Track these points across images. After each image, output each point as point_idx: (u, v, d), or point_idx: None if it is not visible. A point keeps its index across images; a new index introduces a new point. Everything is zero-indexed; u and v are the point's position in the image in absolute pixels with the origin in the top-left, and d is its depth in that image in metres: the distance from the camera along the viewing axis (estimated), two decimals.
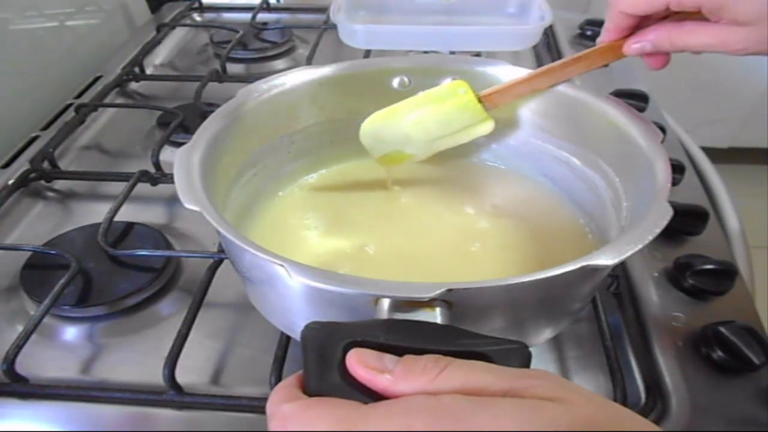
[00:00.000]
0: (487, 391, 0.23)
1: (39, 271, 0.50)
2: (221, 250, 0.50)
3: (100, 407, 0.41)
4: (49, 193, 0.62)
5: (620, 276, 0.50)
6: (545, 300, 0.35)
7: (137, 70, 0.81)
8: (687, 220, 0.52)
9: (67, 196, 0.62)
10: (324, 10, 0.91)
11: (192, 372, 0.43)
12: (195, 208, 0.34)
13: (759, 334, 0.43)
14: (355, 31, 0.72)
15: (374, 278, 0.30)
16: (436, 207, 0.50)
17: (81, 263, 0.49)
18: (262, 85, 0.46)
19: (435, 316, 0.29)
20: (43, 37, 0.80)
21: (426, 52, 0.71)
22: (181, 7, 0.99)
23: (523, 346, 0.26)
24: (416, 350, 0.26)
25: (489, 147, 0.52)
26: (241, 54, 0.86)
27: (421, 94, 0.47)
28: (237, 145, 0.44)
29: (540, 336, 0.38)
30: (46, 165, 0.63)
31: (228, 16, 1.00)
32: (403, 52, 0.73)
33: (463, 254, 0.45)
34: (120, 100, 0.78)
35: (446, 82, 0.48)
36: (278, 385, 0.27)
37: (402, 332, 0.27)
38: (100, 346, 0.46)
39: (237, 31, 0.86)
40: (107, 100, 0.75)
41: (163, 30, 0.90)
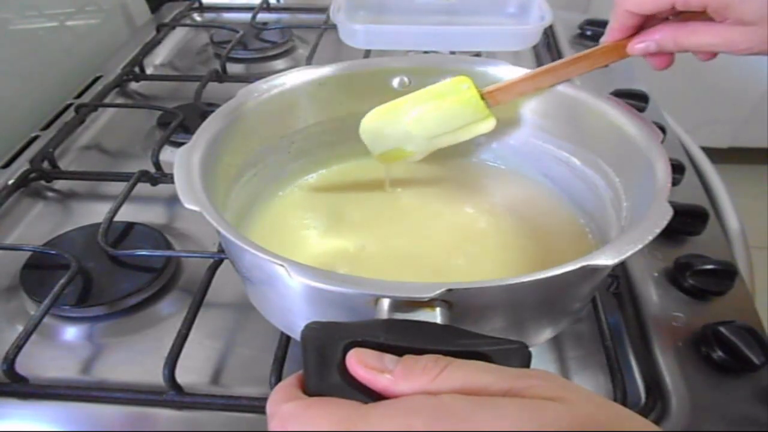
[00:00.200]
0: (487, 390, 0.23)
1: (39, 271, 0.50)
2: (221, 250, 0.50)
3: (100, 407, 0.41)
4: (49, 193, 0.62)
5: (620, 276, 0.50)
6: (545, 300, 0.35)
7: (137, 70, 0.81)
8: (687, 220, 0.52)
9: (67, 196, 0.62)
10: (324, 10, 0.91)
11: (192, 372, 0.43)
12: (195, 208, 0.34)
13: (759, 334, 0.43)
14: (355, 31, 0.72)
15: (374, 278, 0.30)
16: (436, 207, 0.50)
17: (81, 263, 0.49)
18: (262, 85, 0.46)
19: (435, 316, 0.29)
20: (43, 37, 0.80)
21: (426, 52, 0.71)
22: (181, 7, 0.99)
23: (523, 346, 0.26)
24: (416, 350, 0.26)
25: (489, 147, 0.52)
26: (241, 54, 0.86)
27: (423, 90, 0.47)
28: (237, 145, 0.44)
29: (540, 336, 0.38)
30: (46, 165, 0.63)
31: (228, 16, 1.00)
32: (403, 52, 0.73)
33: (464, 254, 0.45)
34: (120, 100, 0.78)
35: (450, 79, 0.48)
36: (278, 385, 0.27)
37: (402, 332, 0.27)
38: (100, 346, 0.46)
39: (237, 31, 0.86)
40: (107, 100, 0.75)
41: (163, 30, 0.90)
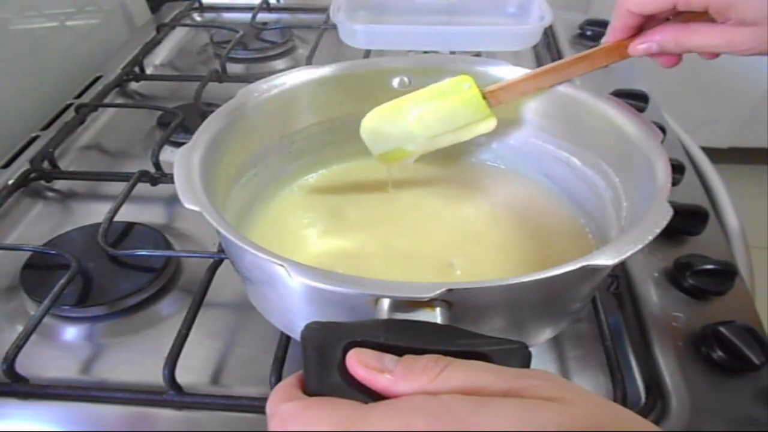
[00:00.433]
0: (486, 391, 0.23)
1: (39, 271, 0.50)
2: (221, 250, 0.50)
3: (100, 407, 0.41)
4: (49, 193, 0.62)
5: (620, 276, 0.49)
6: (545, 300, 0.35)
7: (137, 70, 0.81)
8: (687, 220, 0.52)
9: (67, 196, 0.62)
10: (324, 10, 0.91)
11: (192, 372, 0.43)
12: (195, 208, 0.34)
13: (759, 334, 0.43)
14: (355, 31, 0.72)
15: (374, 278, 0.30)
16: (436, 207, 0.50)
17: (81, 263, 0.49)
18: (262, 85, 0.46)
19: (435, 316, 0.29)
20: (43, 37, 0.80)
21: (426, 52, 0.71)
22: (181, 7, 0.99)
23: (523, 346, 0.26)
24: (416, 350, 0.26)
25: (489, 147, 0.52)
26: (241, 54, 0.86)
27: (424, 89, 0.47)
28: (237, 145, 0.44)
29: (540, 336, 0.38)
30: (46, 165, 0.63)
31: (228, 16, 1.00)
32: (403, 52, 0.73)
33: (464, 254, 0.45)
34: (120, 100, 0.78)
35: (452, 78, 0.48)
36: (278, 385, 0.27)
37: (402, 332, 0.27)
38: (100, 346, 0.46)
39: (237, 31, 0.86)
40: (107, 100, 0.75)
41: (163, 30, 0.90)
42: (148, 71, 0.83)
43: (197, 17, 1.00)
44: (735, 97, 1.66)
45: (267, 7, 0.98)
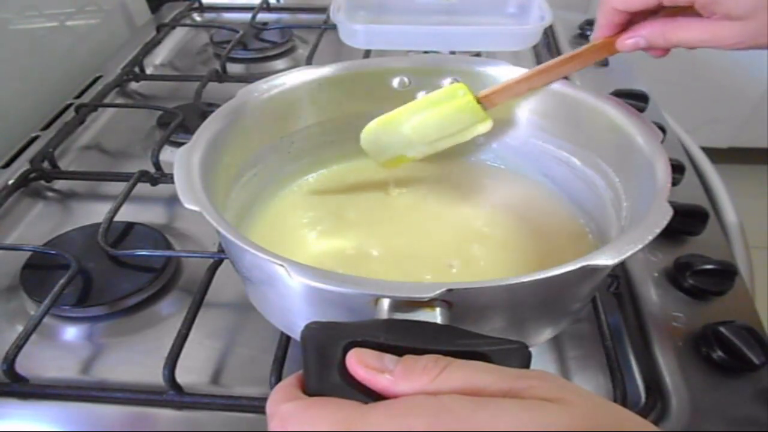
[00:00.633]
0: (486, 391, 0.23)
1: (39, 271, 0.50)
2: (221, 250, 0.50)
3: (100, 407, 0.41)
4: (49, 193, 0.62)
5: (620, 276, 0.49)
6: (545, 300, 0.35)
7: (137, 70, 0.81)
8: (687, 220, 0.52)
9: (67, 196, 0.62)
10: (324, 10, 0.91)
11: (192, 372, 0.43)
12: (195, 208, 0.34)
13: (759, 334, 0.43)
14: (355, 31, 0.72)
15: (374, 278, 0.30)
16: (436, 207, 0.50)
17: (81, 263, 0.49)
18: (262, 85, 0.46)
19: (435, 316, 0.29)
20: (43, 37, 0.80)
21: (426, 52, 0.71)
22: (181, 7, 0.99)
23: (523, 346, 0.26)
24: (416, 350, 0.26)
25: (489, 147, 0.52)
26: (241, 54, 0.86)
27: (419, 98, 0.48)
28: (237, 145, 0.44)
29: (540, 336, 0.38)
30: (46, 165, 0.63)
31: (228, 16, 1.00)
32: (403, 52, 0.73)
33: (463, 254, 0.45)
34: (120, 100, 0.78)
35: (445, 84, 0.49)
36: (278, 385, 0.27)
37: (402, 332, 0.27)
38: (100, 346, 0.46)
39: (237, 31, 0.86)
40: (107, 100, 0.75)
41: (163, 30, 0.90)
42: (148, 71, 0.83)
43: (197, 17, 1.00)
44: (735, 97, 1.66)
45: (267, 7, 0.98)
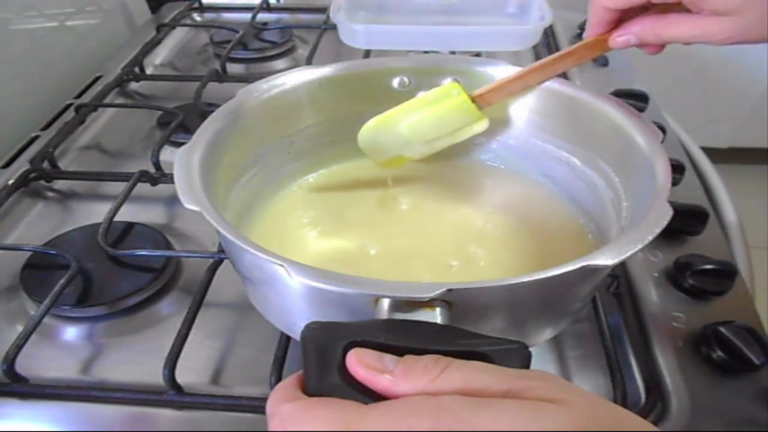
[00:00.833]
0: (486, 391, 0.23)
1: (39, 271, 0.50)
2: (221, 250, 0.50)
3: (100, 407, 0.41)
4: (49, 193, 0.62)
5: (620, 276, 0.49)
6: (545, 300, 0.35)
7: (137, 70, 0.81)
8: (687, 220, 0.52)
9: (67, 196, 0.62)
10: (324, 10, 0.91)
11: (192, 372, 0.43)
12: (195, 208, 0.34)
13: (759, 334, 0.43)
14: (355, 31, 0.72)
15: (374, 278, 0.30)
16: (435, 207, 0.50)
17: (81, 263, 0.49)
18: (262, 85, 0.46)
19: (435, 316, 0.29)
20: (43, 37, 0.80)
21: (426, 52, 0.71)
22: (181, 7, 0.99)
23: (523, 346, 0.26)
24: (416, 350, 0.25)
25: (489, 147, 0.52)
26: (241, 54, 0.86)
27: (415, 98, 0.47)
28: (237, 145, 0.44)
29: (540, 336, 0.38)
30: (46, 165, 0.63)
31: (228, 16, 1.00)
32: (403, 52, 0.73)
33: (463, 254, 0.45)
34: (120, 100, 0.78)
35: (442, 84, 0.49)
36: (278, 385, 0.27)
37: (402, 332, 0.27)
38: (100, 346, 0.46)
39: (237, 31, 0.86)
40: (107, 100, 0.75)
41: (163, 30, 0.90)
42: (148, 71, 0.83)
43: (197, 17, 1.00)
44: (735, 97, 1.66)
45: (267, 7, 0.98)
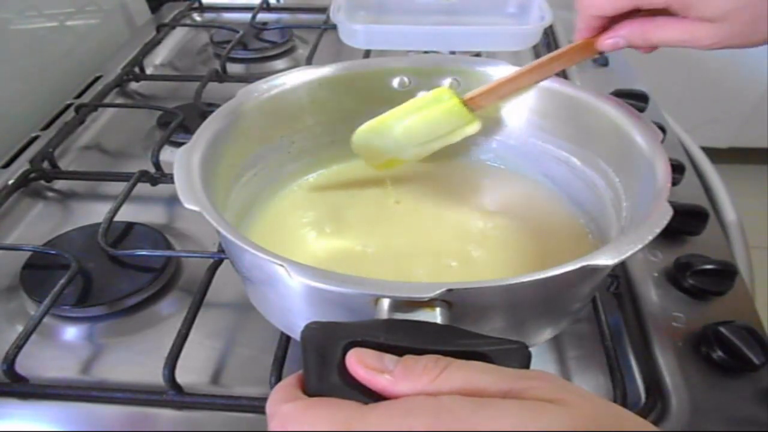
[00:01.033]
0: (486, 392, 0.23)
1: (39, 271, 0.50)
2: (221, 250, 0.50)
3: (100, 407, 0.41)
4: (49, 193, 0.62)
5: (620, 276, 0.49)
6: (545, 300, 0.35)
7: (137, 70, 0.81)
8: (687, 220, 0.52)
9: (67, 196, 0.62)
10: (324, 10, 0.91)
11: (192, 372, 0.43)
12: (195, 208, 0.34)
13: (759, 334, 0.43)
14: (355, 31, 0.72)
15: (374, 278, 0.30)
16: (435, 207, 0.50)
17: (81, 263, 0.49)
18: (262, 85, 0.46)
19: (435, 316, 0.29)
20: (43, 37, 0.80)
21: (426, 52, 0.71)
22: (181, 7, 0.99)
23: (522, 346, 0.26)
24: (416, 350, 0.25)
25: (489, 146, 0.52)
26: (241, 54, 0.86)
27: (407, 102, 0.47)
28: (237, 145, 0.44)
29: (540, 336, 0.38)
30: (46, 165, 0.63)
31: (228, 16, 1.00)
32: (403, 52, 0.73)
33: (463, 254, 0.45)
34: (120, 100, 0.78)
35: (445, 85, 0.49)
36: (278, 385, 0.27)
37: (402, 332, 0.27)
38: (100, 346, 0.46)
39: (237, 31, 0.86)
40: (107, 100, 0.75)
41: (163, 30, 0.90)
42: (148, 71, 0.83)
43: (197, 17, 1.00)
44: (735, 97, 1.66)
45: (267, 7, 0.98)
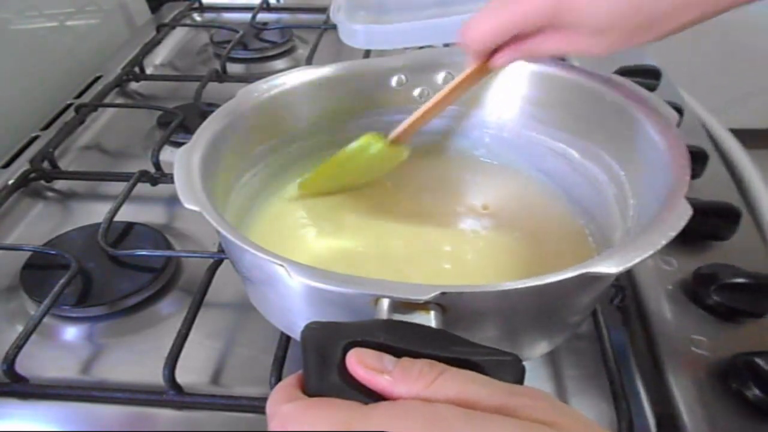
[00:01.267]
0: (480, 404, 0.23)
1: (39, 271, 0.50)
2: (221, 250, 0.50)
3: (100, 407, 0.41)
4: (49, 193, 0.62)
5: (626, 287, 0.44)
6: (540, 310, 0.33)
7: (137, 70, 0.81)
8: (711, 221, 0.45)
9: (67, 196, 0.62)
10: (324, 10, 0.91)
11: (192, 372, 0.43)
12: (195, 208, 0.34)
13: None
14: (355, 31, 0.72)
15: (374, 278, 0.30)
16: (431, 207, 0.49)
17: (81, 263, 0.49)
18: (262, 85, 0.46)
19: (430, 319, 0.29)
20: (43, 37, 0.80)
21: (422, 47, 0.70)
22: (181, 7, 0.99)
23: (516, 359, 0.25)
24: (413, 353, 0.25)
25: (482, 141, 0.51)
26: (241, 54, 0.86)
27: (337, 155, 0.47)
28: (237, 145, 0.44)
29: (535, 349, 0.36)
30: (46, 165, 0.63)
31: (228, 16, 1.00)
32: (401, 51, 0.72)
33: (458, 257, 0.44)
34: (120, 100, 0.78)
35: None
36: (278, 385, 0.27)
37: (400, 333, 0.27)
38: (100, 346, 0.46)
39: (237, 31, 0.86)
40: (107, 100, 0.75)
41: (163, 30, 0.90)
42: (148, 71, 0.83)
43: (197, 17, 1.00)
44: None
45: (267, 7, 0.98)
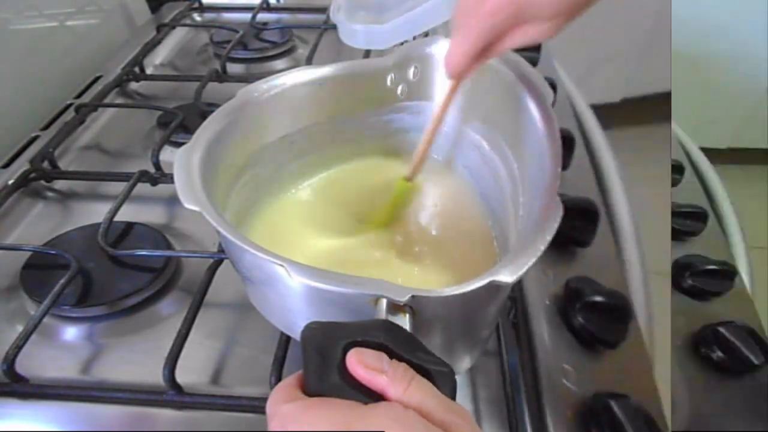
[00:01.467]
0: (430, 417, 0.24)
1: (39, 271, 0.50)
2: (221, 250, 0.50)
3: (100, 407, 0.41)
4: (49, 193, 0.62)
5: (518, 299, 0.41)
6: (458, 320, 0.32)
7: (137, 70, 0.81)
8: (687, 221, 0.52)
9: (67, 196, 0.62)
10: (324, 10, 0.91)
11: (192, 372, 0.43)
12: (195, 208, 0.34)
13: (759, 334, 0.43)
14: (355, 31, 0.71)
15: (374, 278, 0.30)
16: (424, 207, 0.49)
17: (81, 263, 0.49)
18: (262, 85, 0.46)
19: (405, 322, 0.29)
20: (43, 37, 0.80)
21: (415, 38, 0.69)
22: (181, 7, 0.99)
23: (452, 371, 0.26)
24: (401, 356, 0.26)
25: (435, 139, 0.48)
26: (241, 54, 0.86)
27: (385, 206, 0.47)
28: (237, 145, 0.44)
29: (460, 363, 0.34)
30: (46, 165, 0.63)
31: (228, 16, 1.01)
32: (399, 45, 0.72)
33: (416, 260, 0.44)
34: (120, 100, 0.78)
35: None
36: (278, 385, 0.27)
37: (392, 334, 0.27)
38: (100, 346, 0.46)
39: (237, 31, 0.86)
40: (107, 100, 0.75)
41: (163, 30, 0.90)
42: (148, 71, 0.83)
43: (197, 17, 1.00)
44: (735, 97, 1.66)
45: (267, 7, 0.98)
